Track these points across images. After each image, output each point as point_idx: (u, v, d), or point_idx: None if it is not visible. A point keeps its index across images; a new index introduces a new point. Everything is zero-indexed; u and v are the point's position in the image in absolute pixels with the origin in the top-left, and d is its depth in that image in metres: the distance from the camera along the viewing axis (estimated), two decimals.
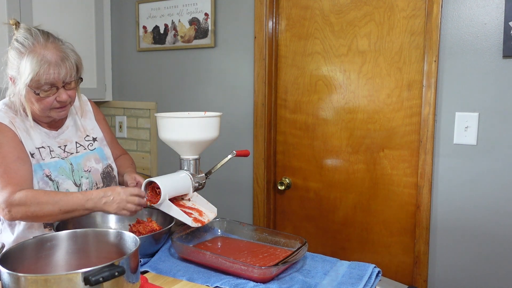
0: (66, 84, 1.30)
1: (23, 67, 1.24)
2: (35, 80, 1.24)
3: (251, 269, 1.11)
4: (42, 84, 1.25)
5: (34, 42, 1.26)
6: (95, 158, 1.48)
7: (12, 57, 1.28)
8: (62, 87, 1.29)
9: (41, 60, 1.24)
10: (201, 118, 1.36)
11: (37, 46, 1.26)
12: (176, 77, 2.48)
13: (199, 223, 1.32)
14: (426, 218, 1.85)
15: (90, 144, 1.50)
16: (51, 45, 1.28)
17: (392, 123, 1.95)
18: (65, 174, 1.38)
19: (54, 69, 1.25)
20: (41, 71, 1.23)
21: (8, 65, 1.30)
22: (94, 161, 1.47)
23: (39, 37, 1.27)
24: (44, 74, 1.24)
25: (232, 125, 2.29)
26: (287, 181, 2.23)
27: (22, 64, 1.24)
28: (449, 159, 1.80)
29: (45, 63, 1.24)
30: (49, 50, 1.26)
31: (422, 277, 1.89)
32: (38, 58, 1.24)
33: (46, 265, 1.01)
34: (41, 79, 1.24)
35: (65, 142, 1.43)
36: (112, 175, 1.52)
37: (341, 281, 1.14)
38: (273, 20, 2.17)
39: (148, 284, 1.06)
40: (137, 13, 2.56)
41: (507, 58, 1.66)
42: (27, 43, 1.26)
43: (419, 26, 1.85)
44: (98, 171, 1.47)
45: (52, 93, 1.28)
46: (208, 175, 1.46)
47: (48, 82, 1.26)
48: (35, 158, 1.34)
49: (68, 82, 1.30)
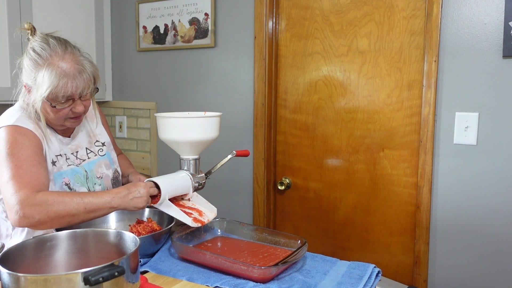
0: (82, 96, 1.28)
1: (40, 79, 1.21)
2: (53, 94, 1.22)
3: (251, 269, 1.11)
4: (59, 97, 1.23)
5: (51, 54, 1.23)
6: (106, 163, 1.47)
7: (28, 67, 1.25)
8: (78, 98, 1.28)
9: (60, 74, 1.21)
10: (201, 118, 1.36)
11: (54, 57, 1.23)
12: (176, 77, 2.48)
13: (199, 223, 1.32)
14: (426, 218, 1.85)
15: (100, 149, 1.49)
16: (69, 56, 1.25)
17: (392, 123, 1.95)
18: (80, 182, 1.37)
19: (72, 83, 1.23)
20: (59, 85, 1.21)
21: (23, 73, 1.27)
22: (104, 167, 1.46)
23: (57, 47, 1.24)
24: (62, 88, 1.22)
25: (232, 125, 2.29)
26: (287, 181, 2.23)
27: (40, 76, 1.21)
28: (449, 159, 1.80)
29: (64, 77, 1.21)
30: (67, 62, 1.23)
31: (422, 277, 1.89)
32: (57, 72, 1.21)
33: (46, 265, 1.01)
34: (59, 93, 1.22)
35: (76, 148, 1.42)
36: (119, 179, 1.52)
37: (341, 281, 1.14)
38: (273, 20, 2.17)
39: (148, 284, 1.06)
40: (137, 13, 2.56)
41: (507, 58, 1.66)
42: (45, 55, 1.23)
43: (419, 26, 1.85)
44: (109, 177, 1.47)
45: (68, 104, 1.27)
46: (208, 175, 1.46)
47: (65, 96, 1.24)
48: (56, 166, 1.32)
49: (85, 94, 1.28)
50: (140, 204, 1.23)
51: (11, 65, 2.12)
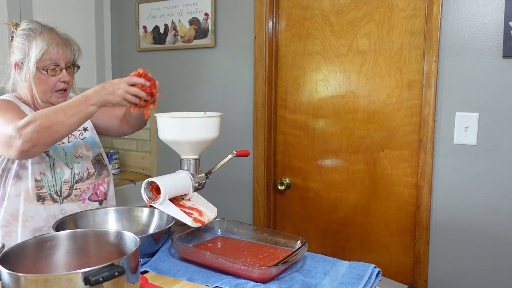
0: (68, 68, 1.42)
1: (33, 47, 1.35)
2: (43, 59, 1.35)
3: (251, 269, 1.11)
4: (47, 64, 1.36)
5: (41, 29, 1.39)
6: (86, 146, 1.54)
7: (18, 43, 1.38)
8: (64, 68, 1.41)
9: (50, 39, 1.37)
10: (201, 118, 1.36)
11: (44, 31, 1.39)
12: (176, 77, 2.48)
13: (199, 223, 1.32)
14: (426, 218, 1.85)
15: (81, 133, 1.55)
16: (56, 33, 1.42)
17: (392, 123, 1.95)
18: (59, 156, 1.45)
19: (62, 49, 1.39)
20: (50, 48, 1.36)
21: (13, 54, 1.40)
22: (85, 148, 1.53)
23: (45, 26, 1.41)
24: (53, 52, 1.37)
25: (232, 125, 2.29)
26: (287, 181, 2.23)
27: (33, 45, 1.36)
28: (449, 159, 1.80)
29: (53, 43, 1.38)
30: (55, 35, 1.41)
31: (422, 277, 1.89)
32: (47, 38, 1.37)
33: (46, 265, 1.01)
34: (51, 56, 1.36)
35: None
36: (103, 162, 1.57)
37: (341, 281, 1.14)
38: (273, 20, 2.17)
39: (148, 284, 1.06)
40: (137, 13, 2.56)
41: (507, 58, 1.66)
42: (35, 29, 1.39)
43: (419, 26, 1.85)
44: (89, 158, 1.53)
45: (56, 73, 1.39)
46: (208, 175, 1.45)
47: (54, 61, 1.37)
48: None
49: (70, 64, 1.42)
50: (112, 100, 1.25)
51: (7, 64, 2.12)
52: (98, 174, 1.53)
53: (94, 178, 1.51)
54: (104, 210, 1.43)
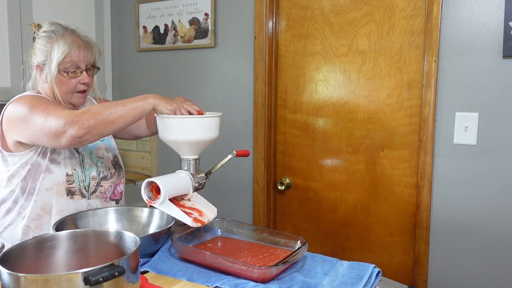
0: (88, 70, 1.44)
1: (55, 49, 1.38)
2: (65, 61, 1.38)
3: (251, 269, 1.11)
4: (69, 66, 1.39)
5: (63, 32, 1.42)
6: (105, 147, 1.58)
7: (40, 45, 1.40)
8: (85, 70, 1.43)
9: (72, 42, 1.40)
10: (201, 118, 1.36)
11: (66, 34, 1.42)
12: (176, 77, 2.48)
13: (199, 223, 1.32)
14: (426, 218, 1.85)
15: None
16: (77, 35, 1.46)
17: (392, 123, 1.95)
18: (87, 154, 1.50)
19: (83, 52, 1.42)
20: (72, 51, 1.39)
21: (35, 54, 1.42)
22: (104, 150, 1.57)
23: (67, 29, 1.44)
24: (75, 54, 1.39)
25: (232, 125, 2.29)
26: (287, 181, 2.23)
27: (55, 47, 1.38)
28: (449, 159, 1.80)
29: (75, 45, 1.40)
30: (76, 38, 1.43)
31: (422, 277, 1.89)
32: (69, 41, 1.40)
33: (46, 265, 1.01)
34: (72, 58, 1.39)
35: None
36: (119, 164, 1.62)
37: (341, 281, 1.14)
38: (273, 20, 2.17)
39: (148, 284, 1.06)
40: (137, 13, 2.56)
41: (507, 58, 1.66)
42: (57, 32, 1.41)
43: (419, 26, 1.85)
44: (109, 159, 1.57)
45: (77, 75, 1.42)
46: (208, 175, 1.45)
47: (75, 63, 1.40)
48: None
49: (90, 66, 1.45)
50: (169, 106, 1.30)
51: (11, 66, 2.12)
52: (118, 175, 1.58)
53: (115, 177, 1.57)
54: (104, 210, 1.43)
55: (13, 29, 2.11)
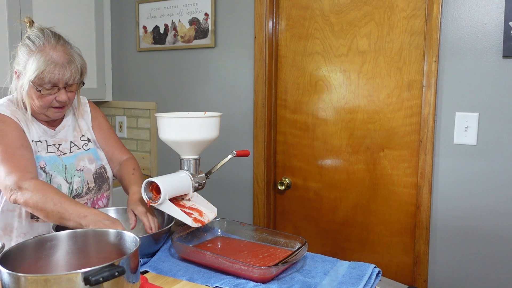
0: (68, 86, 1.34)
1: (30, 64, 1.29)
2: (39, 78, 1.28)
3: (251, 269, 1.11)
4: (45, 82, 1.29)
5: (44, 42, 1.31)
6: (89, 158, 1.49)
7: (21, 53, 1.33)
8: (63, 88, 1.33)
9: (48, 60, 1.29)
10: (201, 118, 1.36)
11: (47, 46, 1.31)
12: (176, 77, 2.48)
13: (199, 223, 1.32)
14: (426, 218, 1.85)
15: (85, 144, 1.51)
16: (61, 47, 1.33)
17: (392, 123, 1.95)
18: (57, 171, 1.39)
19: (60, 70, 1.30)
20: (46, 70, 1.28)
21: (16, 59, 1.34)
22: (87, 161, 1.48)
23: (51, 38, 1.32)
24: (49, 74, 1.28)
25: (232, 125, 2.29)
26: (287, 181, 2.23)
27: (30, 61, 1.29)
28: (449, 159, 1.80)
29: (52, 63, 1.29)
30: (57, 52, 1.31)
31: (422, 277, 1.89)
32: (46, 58, 1.29)
33: (46, 265, 1.01)
34: (45, 78, 1.28)
35: (60, 141, 1.45)
36: (105, 176, 1.52)
37: (341, 281, 1.14)
38: (273, 20, 2.17)
39: (148, 284, 1.06)
40: (137, 13, 2.56)
41: (507, 58, 1.66)
42: (38, 42, 1.31)
43: (419, 26, 1.85)
44: (91, 171, 1.47)
45: (53, 92, 1.33)
46: (208, 175, 1.45)
47: (51, 82, 1.30)
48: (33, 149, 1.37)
49: (70, 84, 1.34)
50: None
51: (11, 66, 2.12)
52: (98, 189, 1.49)
53: (93, 193, 1.47)
54: (103, 210, 1.43)
55: (13, 29, 2.11)
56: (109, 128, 1.62)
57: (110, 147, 1.57)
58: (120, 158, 1.58)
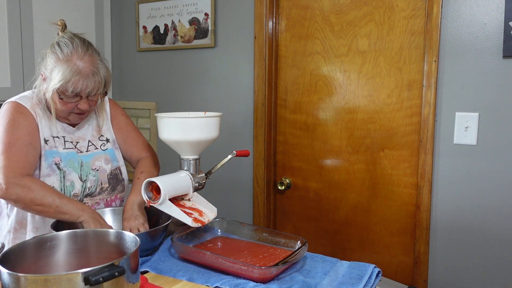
0: (90, 96, 1.36)
1: (56, 72, 1.31)
2: (63, 87, 1.30)
3: (251, 269, 1.11)
4: (68, 91, 1.31)
5: (72, 51, 1.32)
6: (106, 158, 1.50)
7: (49, 59, 1.34)
8: (86, 97, 1.35)
9: (74, 71, 1.30)
10: (201, 118, 1.36)
11: (74, 55, 1.32)
12: (176, 77, 2.48)
13: (199, 223, 1.32)
14: (426, 218, 1.85)
15: (103, 144, 1.53)
16: (88, 58, 1.34)
17: (392, 123, 1.95)
18: (73, 167, 1.42)
19: (83, 81, 1.31)
20: (71, 80, 1.30)
21: (44, 63, 1.36)
22: (104, 161, 1.49)
23: (79, 47, 1.34)
24: (73, 84, 1.30)
25: (232, 125, 2.29)
26: (287, 181, 2.23)
27: (56, 69, 1.31)
28: (449, 159, 1.80)
29: (77, 75, 1.30)
30: (84, 62, 1.32)
31: (422, 277, 1.89)
32: (72, 69, 1.30)
33: (46, 265, 1.01)
34: (69, 88, 1.30)
35: (77, 139, 1.47)
36: (119, 178, 1.53)
37: (341, 281, 1.14)
38: (273, 20, 2.17)
39: (148, 284, 1.06)
40: (137, 13, 2.56)
41: (507, 58, 1.66)
42: (66, 51, 1.32)
43: (419, 26, 1.85)
44: (106, 172, 1.49)
45: (75, 100, 1.35)
46: (208, 175, 1.45)
47: (74, 91, 1.32)
48: (48, 145, 1.39)
49: (93, 95, 1.36)
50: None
51: (11, 65, 2.12)
52: (111, 190, 1.49)
53: (106, 193, 1.48)
54: (102, 210, 1.43)
55: (13, 29, 2.11)
56: (128, 125, 1.62)
57: (128, 146, 1.59)
58: (138, 157, 1.60)
